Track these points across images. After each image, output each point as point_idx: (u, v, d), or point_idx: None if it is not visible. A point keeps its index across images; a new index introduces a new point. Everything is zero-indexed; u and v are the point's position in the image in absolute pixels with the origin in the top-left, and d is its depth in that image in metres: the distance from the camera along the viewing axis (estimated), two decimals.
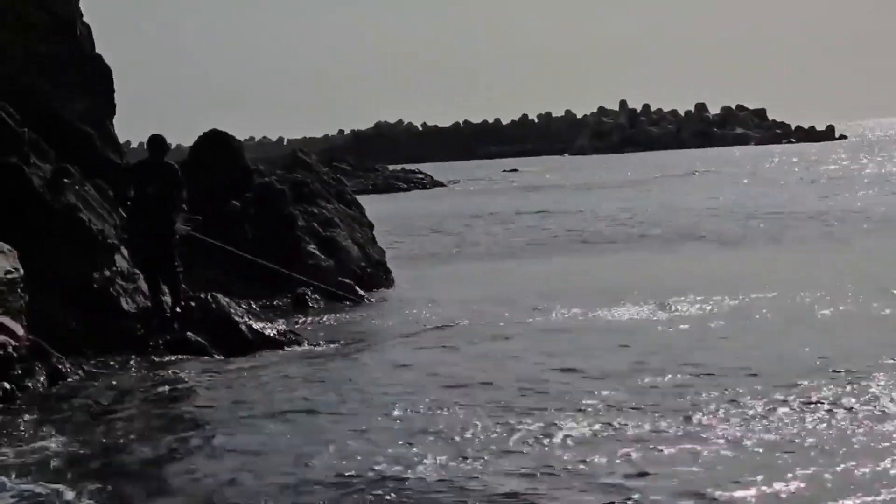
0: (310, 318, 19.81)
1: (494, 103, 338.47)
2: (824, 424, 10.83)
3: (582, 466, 9.69)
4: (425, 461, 9.91)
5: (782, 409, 11.39)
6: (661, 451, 10.06)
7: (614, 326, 17.58)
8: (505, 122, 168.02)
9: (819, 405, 11.50)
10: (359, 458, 10.08)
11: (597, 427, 10.93)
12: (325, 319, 19.79)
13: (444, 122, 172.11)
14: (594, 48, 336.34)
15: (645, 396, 12.21)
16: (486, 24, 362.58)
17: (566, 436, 10.64)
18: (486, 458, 10.00)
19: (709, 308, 18.85)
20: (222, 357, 16.00)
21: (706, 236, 34.19)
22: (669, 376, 13.22)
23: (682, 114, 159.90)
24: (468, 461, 9.91)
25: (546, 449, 10.27)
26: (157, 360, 15.43)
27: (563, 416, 11.39)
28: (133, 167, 17.49)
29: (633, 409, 11.64)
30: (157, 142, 17.01)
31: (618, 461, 9.80)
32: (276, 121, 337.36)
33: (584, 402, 12.00)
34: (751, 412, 11.34)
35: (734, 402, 11.79)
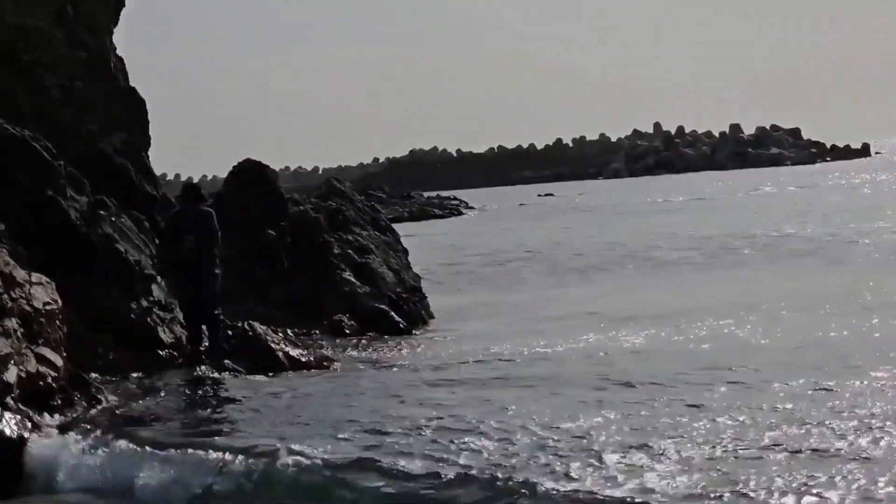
0: (347, 345, 19.90)
1: (529, 128, 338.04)
2: None
3: None
4: None
5: None
6: None
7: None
8: (539, 146, 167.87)
9: None
10: None
11: None
12: (360, 345, 19.89)
13: (479, 149, 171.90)
14: (627, 71, 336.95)
15: None
16: (519, 50, 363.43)
17: None
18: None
19: None
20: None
21: None
22: None
23: (717, 135, 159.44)
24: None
25: None
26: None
27: None
28: (171, 217, 17.49)
29: None
30: (193, 191, 17.29)
31: None
32: (312, 150, 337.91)
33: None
34: None
35: None
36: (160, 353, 16.53)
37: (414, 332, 21.93)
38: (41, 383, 13.35)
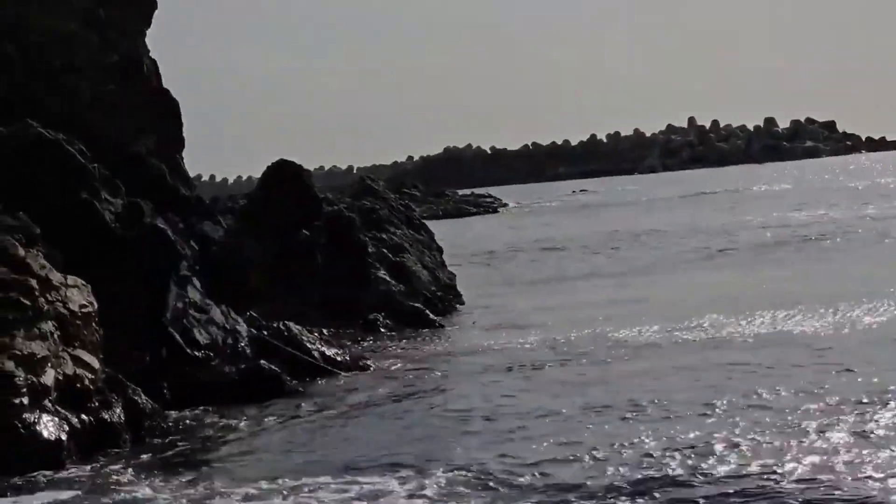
0: (380, 342, 19.87)
1: (563, 124, 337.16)
2: None
3: None
4: None
5: None
6: None
7: None
8: (574, 143, 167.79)
9: None
10: None
11: None
12: (394, 343, 19.84)
13: (513, 145, 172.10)
14: (661, 65, 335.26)
15: None
16: (553, 47, 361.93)
17: None
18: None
19: None
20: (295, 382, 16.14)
21: None
22: None
23: (752, 129, 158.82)
24: None
25: None
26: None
27: None
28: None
29: None
30: None
31: None
32: (346, 149, 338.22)
33: None
34: None
35: None
36: (196, 354, 16.51)
37: (448, 329, 21.85)
38: (78, 385, 13.37)
